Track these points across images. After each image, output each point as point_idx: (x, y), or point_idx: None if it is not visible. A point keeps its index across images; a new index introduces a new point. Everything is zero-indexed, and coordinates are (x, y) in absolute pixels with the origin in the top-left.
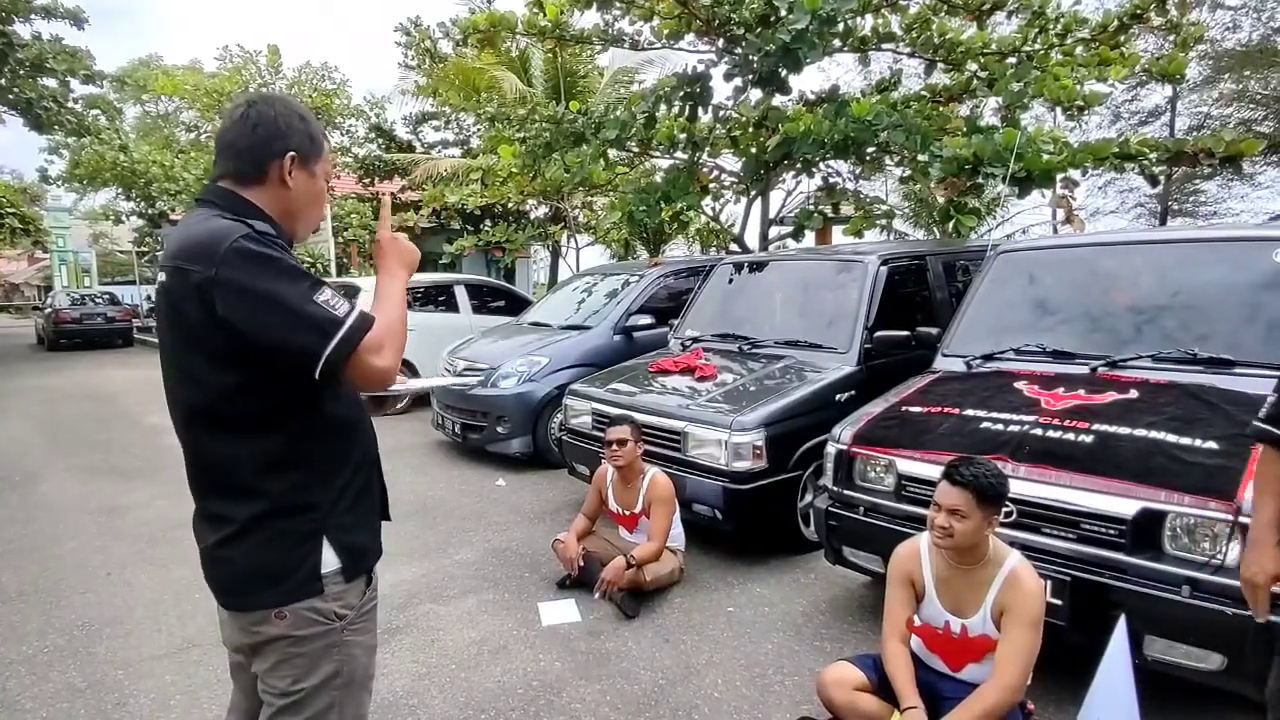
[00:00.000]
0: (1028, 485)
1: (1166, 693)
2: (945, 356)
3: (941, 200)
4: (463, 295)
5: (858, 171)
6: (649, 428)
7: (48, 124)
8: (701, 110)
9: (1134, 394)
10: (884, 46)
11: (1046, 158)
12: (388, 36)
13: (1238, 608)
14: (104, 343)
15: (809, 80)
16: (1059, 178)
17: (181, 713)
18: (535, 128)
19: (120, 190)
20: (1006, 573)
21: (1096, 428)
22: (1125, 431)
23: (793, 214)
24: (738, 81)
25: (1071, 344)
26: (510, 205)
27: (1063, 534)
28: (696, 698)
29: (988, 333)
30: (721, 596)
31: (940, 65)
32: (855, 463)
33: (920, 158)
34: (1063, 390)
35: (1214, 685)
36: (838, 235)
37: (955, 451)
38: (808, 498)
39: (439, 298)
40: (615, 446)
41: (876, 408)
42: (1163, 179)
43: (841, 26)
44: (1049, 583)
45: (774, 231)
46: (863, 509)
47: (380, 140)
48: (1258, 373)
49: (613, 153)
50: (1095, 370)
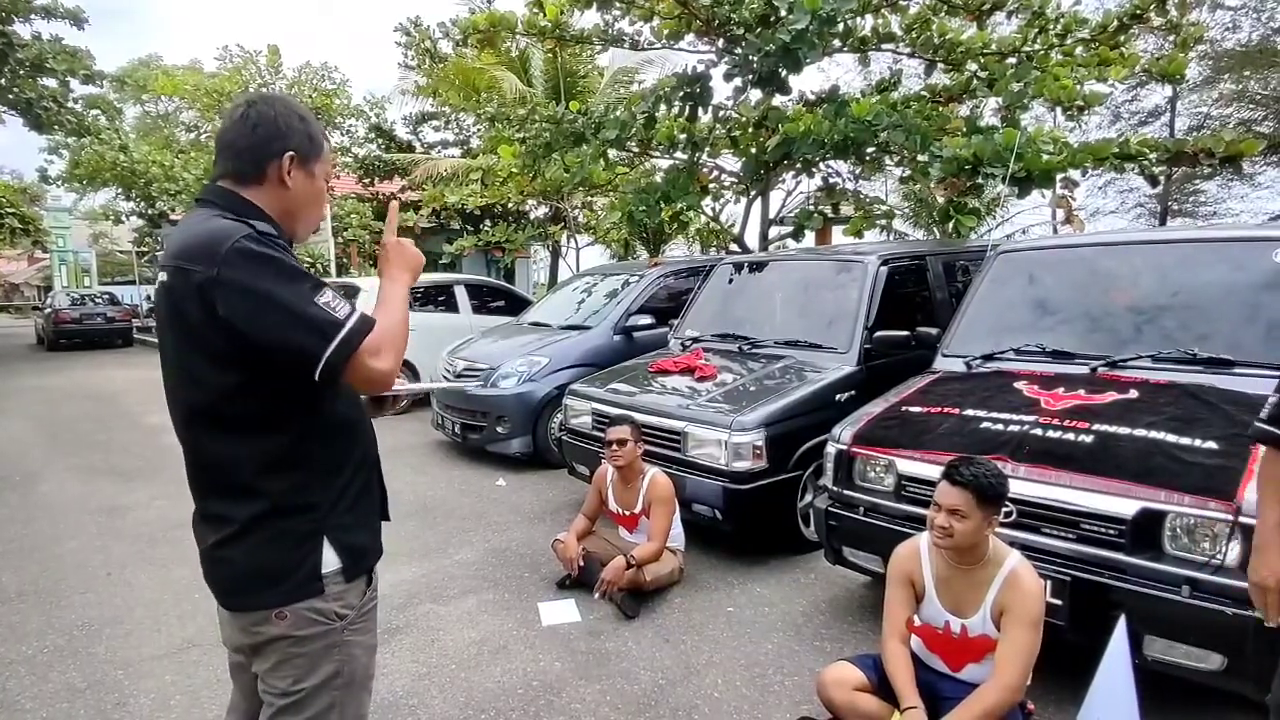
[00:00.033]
0: (1027, 485)
1: (1166, 693)
2: (945, 356)
3: (941, 200)
4: (463, 295)
5: (858, 172)
6: (649, 428)
7: (48, 124)
8: (701, 110)
9: (1134, 394)
10: (884, 47)
11: (1046, 158)
12: (388, 36)
13: (1238, 608)
14: (104, 343)
15: (809, 80)
16: (1059, 178)
17: (181, 713)
18: (535, 128)
19: (120, 190)
20: (1006, 573)
21: (1096, 428)
22: (1125, 431)
23: (793, 214)
24: (737, 81)
25: (1071, 344)
26: (510, 205)
27: (1062, 534)
28: (696, 698)
29: (988, 333)
30: (721, 596)
31: (940, 65)
32: (855, 463)
33: (920, 158)
34: (1063, 390)
35: (1214, 685)
36: (838, 235)
37: (955, 451)
38: (808, 498)
39: (439, 298)
40: (615, 446)
41: (876, 408)
42: (1162, 179)
43: (841, 26)
44: (1049, 583)
45: (774, 231)
46: (863, 509)
47: (380, 140)
48: (1257, 373)
49: (613, 153)
50: (1095, 370)
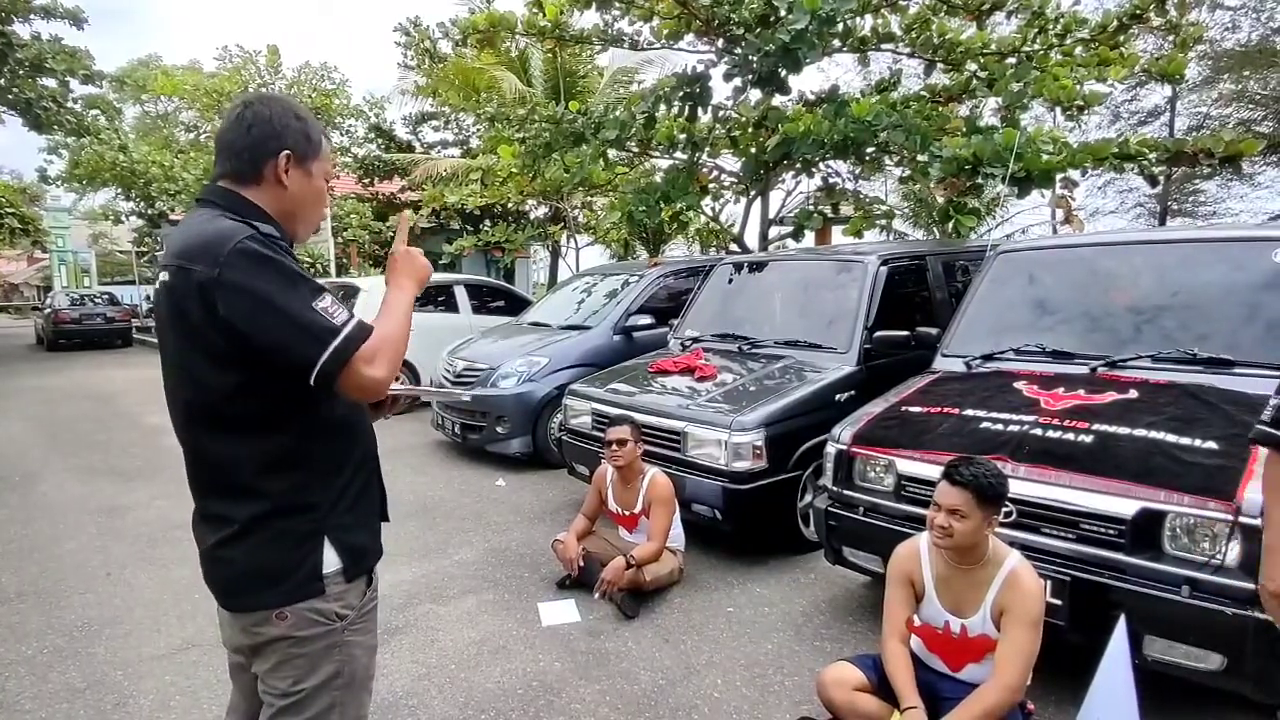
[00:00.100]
0: (1027, 485)
1: (1166, 693)
2: (945, 356)
3: (941, 200)
4: (462, 295)
5: (857, 172)
6: (649, 428)
7: (47, 124)
8: (701, 110)
9: (1133, 394)
10: (883, 47)
11: (1046, 158)
12: (388, 36)
13: (1238, 608)
14: (103, 343)
15: (808, 80)
16: (1058, 178)
17: (181, 713)
18: (535, 128)
19: (119, 190)
20: (1006, 573)
21: (1096, 428)
22: (1125, 431)
23: (792, 214)
24: (737, 81)
25: (1071, 344)
26: (510, 205)
27: (1062, 534)
28: (696, 698)
29: (987, 333)
30: (721, 596)
31: (940, 65)
32: (855, 463)
33: (920, 158)
34: (1062, 390)
35: (1214, 685)
36: (837, 235)
37: (955, 451)
38: (807, 498)
39: (439, 298)
40: (615, 446)
41: (876, 408)
42: (1162, 179)
43: (841, 26)
44: (1049, 583)
45: (774, 231)
46: (862, 509)
47: (380, 140)
48: (1257, 373)
49: (612, 153)
50: (1095, 370)
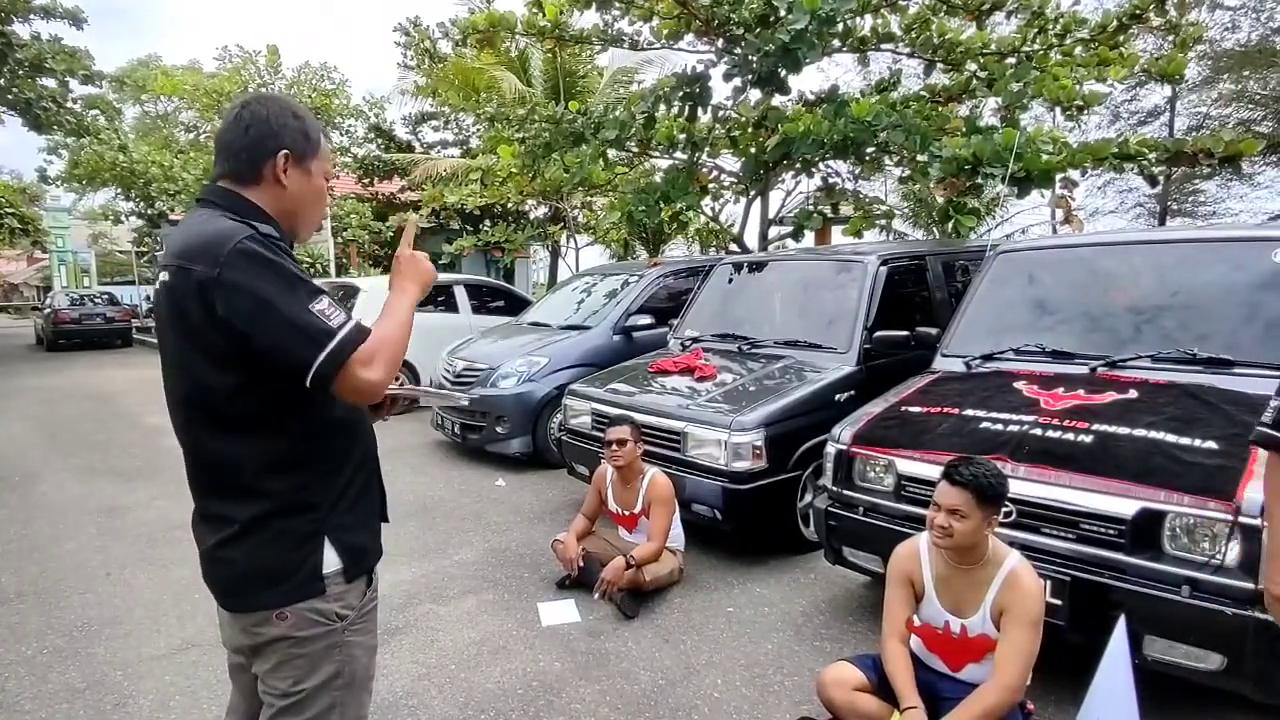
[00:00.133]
0: (1027, 485)
1: (1166, 693)
2: (945, 356)
3: (941, 200)
4: (462, 295)
5: (857, 172)
6: (649, 428)
7: (47, 124)
8: (701, 110)
9: (1133, 394)
10: (883, 47)
11: (1046, 158)
12: (388, 36)
13: (1238, 608)
14: (103, 343)
15: (808, 80)
16: (1058, 178)
17: (181, 713)
18: (534, 128)
19: (119, 190)
20: (1006, 573)
21: (1096, 428)
22: (1125, 431)
23: (792, 214)
24: (737, 81)
25: (1071, 344)
26: (510, 205)
27: (1062, 534)
28: (696, 698)
29: (987, 333)
30: (721, 596)
31: (939, 65)
32: (855, 463)
33: (919, 158)
34: (1062, 390)
35: (1214, 685)
36: (837, 235)
37: (955, 451)
38: (807, 498)
39: (438, 298)
40: (615, 446)
41: (876, 408)
42: (1162, 179)
43: (841, 26)
44: (1049, 583)
45: (773, 231)
46: (862, 509)
47: (379, 140)
48: (1257, 373)
49: (612, 153)
50: (1095, 370)
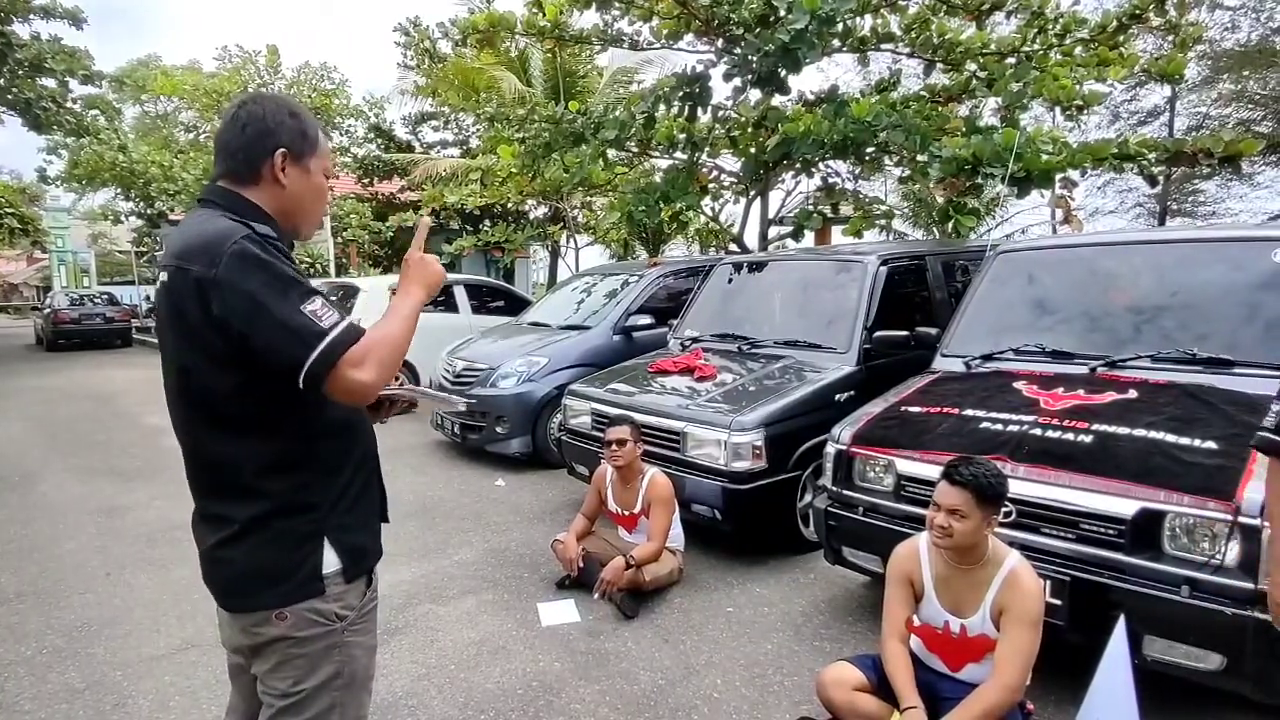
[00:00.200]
0: (1027, 485)
1: (1166, 693)
2: (944, 356)
3: (941, 200)
4: (462, 295)
5: (857, 172)
6: (648, 428)
7: (46, 124)
8: (701, 110)
9: (1133, 394)
10: (883, 47)
11: (1045, 158)
12: (388, 36)
13: (1237, 608)
14: (103, 343)
15: (808, 80)
16: (1058, 178)
17: (180, 714)
18: (534, 128)
19: (119, 190)
20: (1006, 572)
21: (1096, 428)
22: (1124, 431)
23: (792, 214)
24: (737, 81)
25: (1070, 344)
26: (509, 205)
27: (1062, 534)
28: (696, 698)
29: (987, 333)
30: (721, 596)
31: (939, 65)
32: (854, 463)
33: (919, 158)
34: (1062, 390)
35: (1214, 685)
36: (837, 235)
37: (954, 451)
38: (807, 498)
39: (438, 298)
40: (615, 447)
41: (876, 408)
42: (1161, 179)
43: (840, 26)
44: (1048, 582)
45: (773, 231)
46: (862, 509)
47: (379, 140)
48: (1257, 373)
49: (612, 153)
50: (1094, 370)
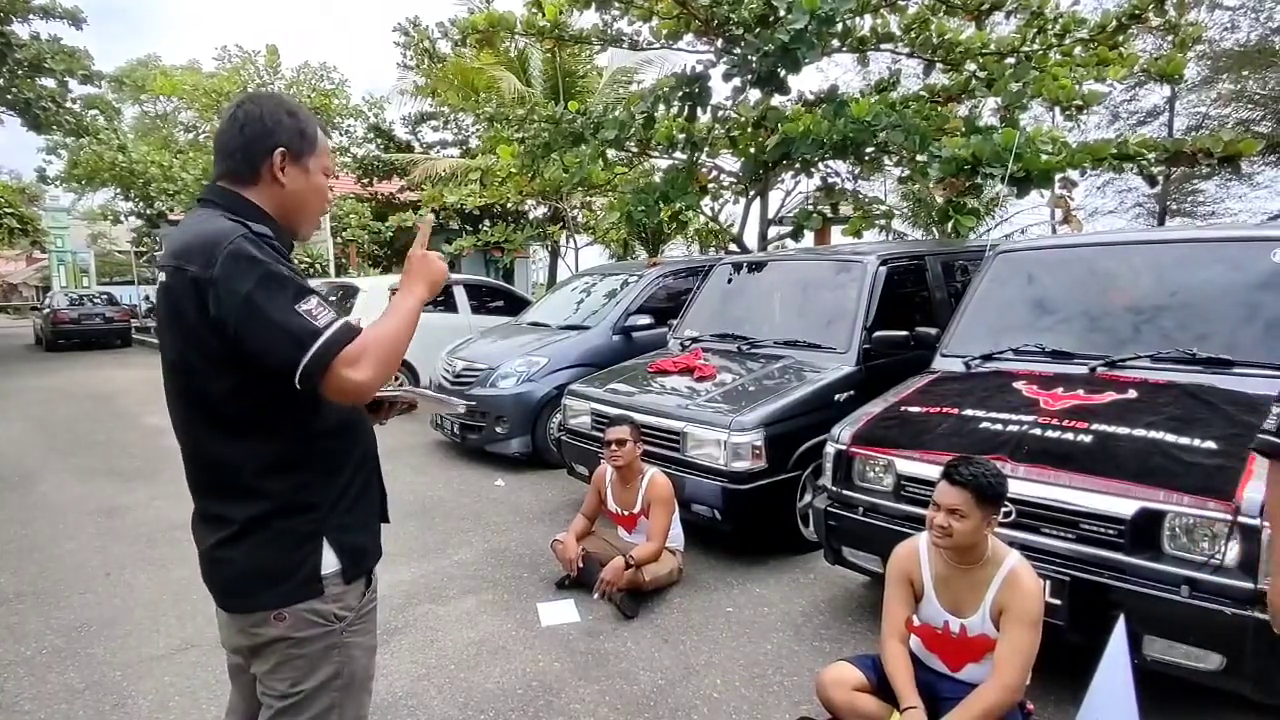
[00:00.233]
0: (1027, 485)
1: (1166, 693)
2: (944, 356)
3: (940, 200)
4: (461, 295)
5: (856, 172)
6: (648, 428)
7: (46, 124)
8: (700, 110)
9: (1133, 394)
10: (883, 47)
11: (1045, 158)
12: (388, 36)
13: (1237, 608)
14: (102, 343)
15: (808, 80)
16: (1057, 178)
17: (180, 714)
18: (534, 128)
19: (118, 190)
20: (1005, 572)
21: (1095, 428)
22: (1124, 431)
23: (791, 214)
24: (736, 81)
25: (1070, 344)
26: (509, 205)
27: (1062, 534)
28: (696, 698)
29: (987, 333)
30: (721, 596)
31: (939, 65)
32: (854, 463)
33: (919, 158)
34: (1062, 390)
35: (1214, 685)
36: (836, 235)
37: (954, 451)
38: (807, 498)
39: (438, 298)
40: (614, 447)
41: (875, 408)
42: (1161, 179)
43: (840, 26)
44: (1048, 582)
45: (773, 231)
46: (862, 509)
47: (379, 140)
48: (1256, 373)
49: (611, 153)
50: (1094, 370)
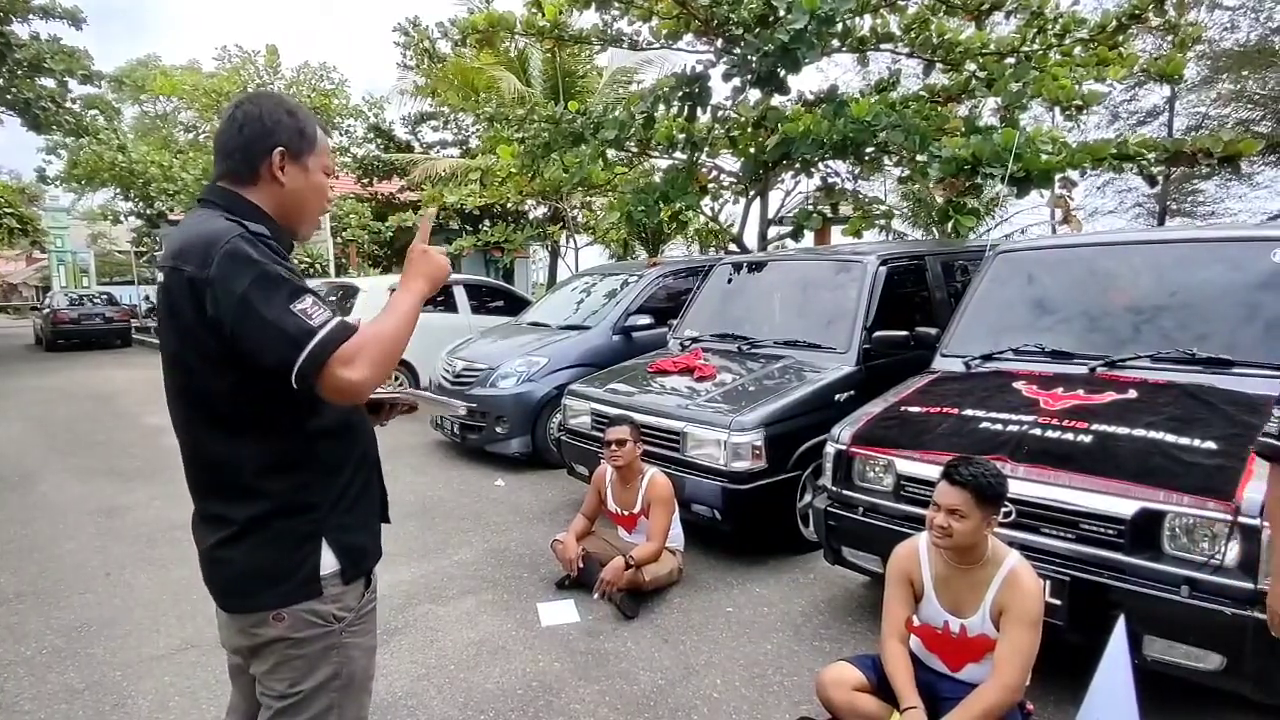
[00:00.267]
0: (1027, 485)
1: (1166, 693)
2: (944, 356)
3: (940, 200)
4: (461, 295)
5: (856, 172)
6: (648, 428)
7: (46, 124)
8: (700, 110)
9: (1133, 394)
10: (882, 47)
11: (1045, 158)
12: (388, 36)
13: (1237, 608)
14: (102, 343)
15: (807, 80)
16: (1057, 178)
17: (180, 714)
18: (534, 128)
19: (118, 190)
20: (1005, 572)
21: (1095, 428)
22: (1124, 431)
23: (791, 214)
24: (736, 81)
25: (1070, 344)
26: (509, 205)
27: (1062, 534)
28: (696, 698)
29: (987, 333)
30: (721, 597)
31: (939, 65)
32: (854, 463)
33: (919, 158)
34: (1061, 390)
35: (1214, 685)
36: (836, 235)
37: (954, 451)
38: (807, 498)
39: (437, 298)
40: (614, 447)
41: (875, 408)
42: (1161, 179)
43: (840, 26)
44: (1048, 582)
45: (773, 231)
46: (862, 509)
47: (379, 140)
48: (1256, 373)
49: (611, 153)
50: (1094, 370)
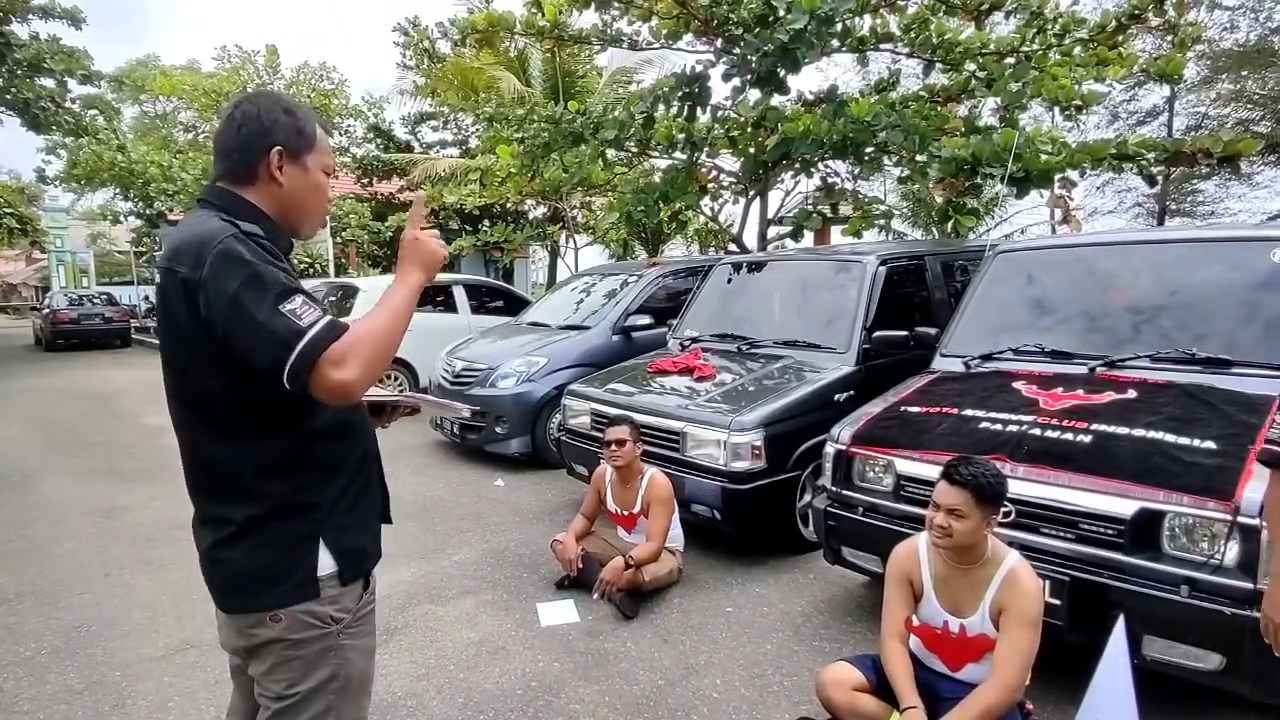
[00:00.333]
0: (1026, 485)
1: (1166, 693)
2: (944, 356)
3: (940, 200)
4: (461, 295)
5: (856, 172)
6: (648, 428)
7: (45, 124)
8: (700, 110)
9: (1132, 394)
10: (882, 47)
11: (1044, 158)
12: (388, 36)
13: (1236, 608)
14: (102, 343)
15: (807, 80)
16: (1057, 178)
17: (179, 714)
18: (534, 128)
19: (118, 190)
20: (1005, 572)
21: (1095, 428)
22: (1124, 431)
23: (791, 214)
24: (736, 81)
25: (1070, 344)
26: (509, 205)
27: (1061, 534)
28: (695, 698)
29: (986, 333)
30: (720, 597)
31: (938, 65)
32: (854, 463)
33: (919, 158)
34: (1061, 390)
35: (1213, 685)
36: (836, 235)
37: (954, 451)
38: (806, 498)
39: (437, 298)
40: (614, 447)
41: (875, 408)
42: (1160, 179)
43: (840, 26)
44: (1048, 582)
45: (773, 231)
46: (861, 509)
47: (379, 140)
48: (1256, 373)
49: (611, 153)
50: (1094, 370)
